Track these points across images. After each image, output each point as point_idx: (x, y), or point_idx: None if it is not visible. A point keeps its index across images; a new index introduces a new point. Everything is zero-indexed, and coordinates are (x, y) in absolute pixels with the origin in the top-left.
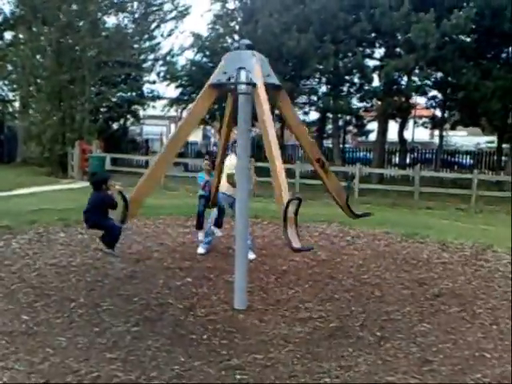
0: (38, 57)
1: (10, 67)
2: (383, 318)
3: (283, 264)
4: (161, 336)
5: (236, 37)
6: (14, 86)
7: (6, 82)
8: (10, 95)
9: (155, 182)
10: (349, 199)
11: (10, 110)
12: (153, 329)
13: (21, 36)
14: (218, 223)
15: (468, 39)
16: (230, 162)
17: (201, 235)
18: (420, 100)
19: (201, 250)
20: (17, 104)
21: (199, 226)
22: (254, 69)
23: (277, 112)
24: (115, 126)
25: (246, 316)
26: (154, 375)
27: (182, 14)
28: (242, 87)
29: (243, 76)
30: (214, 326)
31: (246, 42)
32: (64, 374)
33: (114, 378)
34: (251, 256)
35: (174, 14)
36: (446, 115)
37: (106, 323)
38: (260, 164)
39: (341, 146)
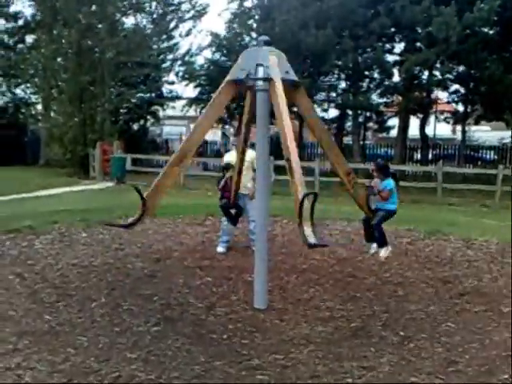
0: (58, 59)
1: (31, 70)
2: (406, 317)
3: (303, 263)
4: (181, 336)
5: (254, 35)
6: (36, 88)
7: (29, 85)
8: (33, 98)
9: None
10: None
11: (33, 112)
12: (173, 328)
13: (42, 39)
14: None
15: (491, 32)
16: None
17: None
18: (442, 95)
19: (220, 249)
20: (39, 107)
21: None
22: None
23: (295, 109)
24: (135, 126)
25: (266, 315)
26: (174, 375)
27: (200, 14)
28: (260, 84)
29: (261, 72)
30: (235, 325)
31: (265, 38)
32: (85, 374)
33: (135, 378)
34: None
35: (191, 13)
36: (468, 110)
37: (126, 323)
38: (280, 162)
39: (361, 142)
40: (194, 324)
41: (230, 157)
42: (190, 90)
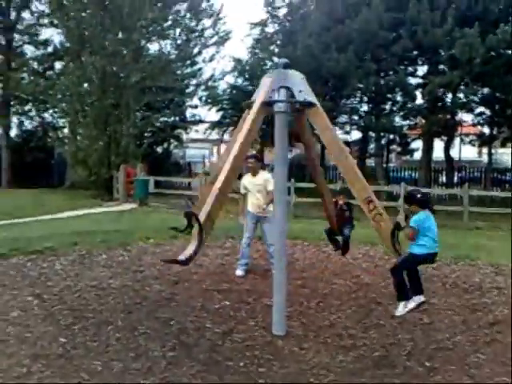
0: (85, 85)
1: (59, 95)
2: (432, 347)
3: (325, 287)
4: (196, 362)
5: (275, 59)
6: (63, 113)
7: (56, 110)
8: (60, 122)
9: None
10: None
11: (60, 136)
12: (189, 354)
13: (69, 65)
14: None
15: None
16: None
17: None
18: (466, 117)
19: (239, 272)
20: (66, 130)
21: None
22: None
23: (316, 131)
24: (159, 149)
25: (284, 342)
26: None
27: (223, 39)
28: (280, 105)
29: (282, 94)
30: (252, 352)
31: (284, 60)
32: None
33: None
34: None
35: (215, 39)
36: (494, 132)
37: (142, 347)
38: (301, 184)
39: (384, 165)
40: (210, 350)
41: (245, 180)
42: (213, 114)
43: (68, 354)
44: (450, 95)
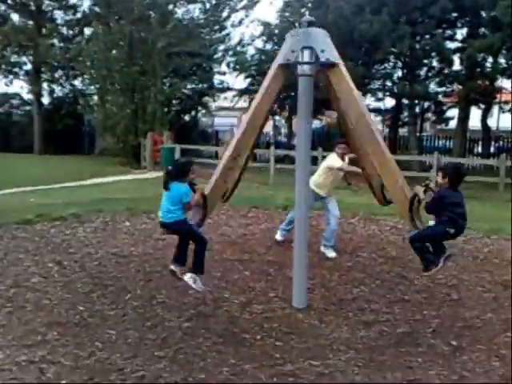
0: (113, 51)
1: (88, 62)
2: (460, 325)
3: (348, 260)
4: (212, 333)
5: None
6: (92, 80)
7: (86, 77)
8: (90, 89)
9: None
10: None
11: (90, 103)
12: (205, 325)
13: (98, 31)
14: None
15: None
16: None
17: None
18: (506, 84)
19: (278, 236)
20: (95, 97)
21: None
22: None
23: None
24: (186, 117)
25: (304, 316)
26: (200, 377)
27: (253, 3)
28: (304, 68)
29: (307, 56)
30: (270, 325)
31: (309, 18)
32: (108, 372)
33: (159, 379)
34: (332, 254)
35: (244, 2)
36: None
37: (158, 317)
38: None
39: (418, 134)
40: (227, 321)
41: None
42: (241, 81)
43: (84, 322)
44: (490, 60)
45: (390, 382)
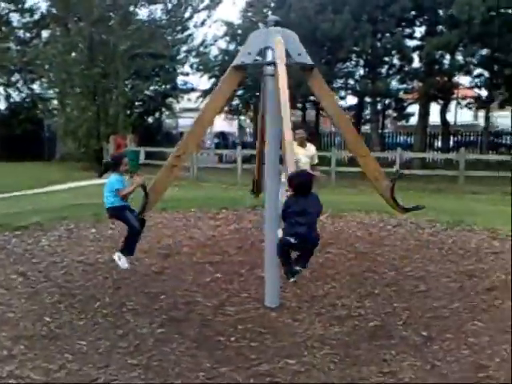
0: (73, 54)
1: (46, 65)
2: (429, 316)
3: (318, 257)
4: (186, 338)
5: None
6: (52, 83)
7: (44, 80)
8: (49, 93)
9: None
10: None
11: (49, 107)
12: (178, 330)
13: (56, 33)
14: None
15: None
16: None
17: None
18: (463, 80)
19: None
20: (55, 101)
21: None
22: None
23: (312, 98)
24: (150, 119)
25: (278, 314)
26: (177, 383)
27: (215, 3)
28: (268, 69)
29: (269, 56)
30: (244, 326)
31: (274, 18)
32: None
33: None
34: None
35: (206, 3)
36: (492, 94)
37: (129, 324)
38: None
39: (379, 131)
40: (200, 325)
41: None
42: (205, 82)
43: (52, 333)
44: (447, 57)
45: (366, 376)
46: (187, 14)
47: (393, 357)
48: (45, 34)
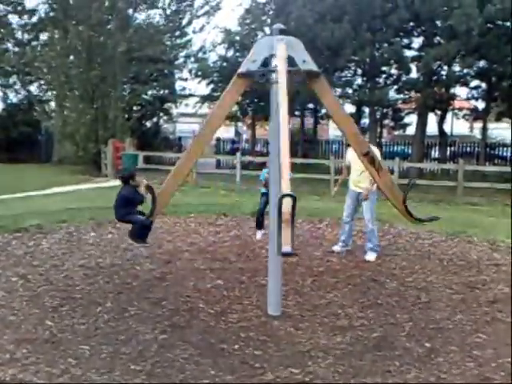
0: (71, 57)
1: (45, 68)
2: (432, 327)
3: (320, 265)
4: (189, 345)
5: (267, 31)
6: (50, 86)
7: (42, 83)
8: (47, 95)
9: (182, 179)
10: (406, 200)
11: (47, 110)
12: (181, 336)
13: (55, 36)
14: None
15: None
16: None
17: (259, 234)
18: (460, 91)
19: (336, 247)
20: (53, 104)
21: (259, 225)
22: (278, 54)
23: (310, 106)
24: (148, 124)
25: (280, 323)
26: None
27: (214, 9)
28: (274, 76)
29: (275, 64)
30: (247, 333)
31: (280, 26)
32: None
33: None
34: (368, 257)
35: (205, 9)
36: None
37: (132, 330)
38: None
39: (377, 140)
40: (203, 332)
41: (349, 154)
42: (203, 87)
43: (54, 338)
44: (445, 68)
45: None
46: (186, 20)
47: (397, 368)
48: (43, 36)
